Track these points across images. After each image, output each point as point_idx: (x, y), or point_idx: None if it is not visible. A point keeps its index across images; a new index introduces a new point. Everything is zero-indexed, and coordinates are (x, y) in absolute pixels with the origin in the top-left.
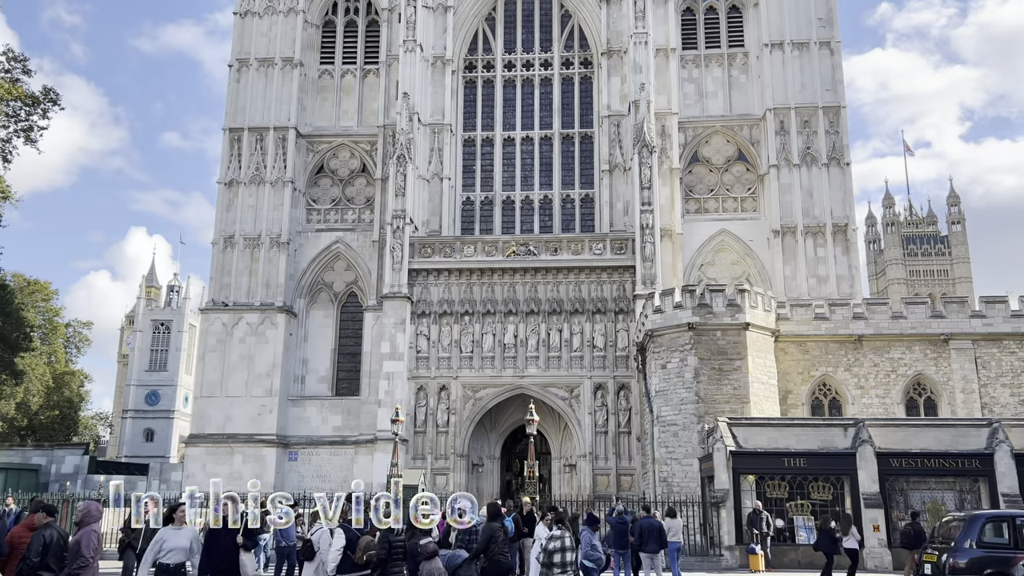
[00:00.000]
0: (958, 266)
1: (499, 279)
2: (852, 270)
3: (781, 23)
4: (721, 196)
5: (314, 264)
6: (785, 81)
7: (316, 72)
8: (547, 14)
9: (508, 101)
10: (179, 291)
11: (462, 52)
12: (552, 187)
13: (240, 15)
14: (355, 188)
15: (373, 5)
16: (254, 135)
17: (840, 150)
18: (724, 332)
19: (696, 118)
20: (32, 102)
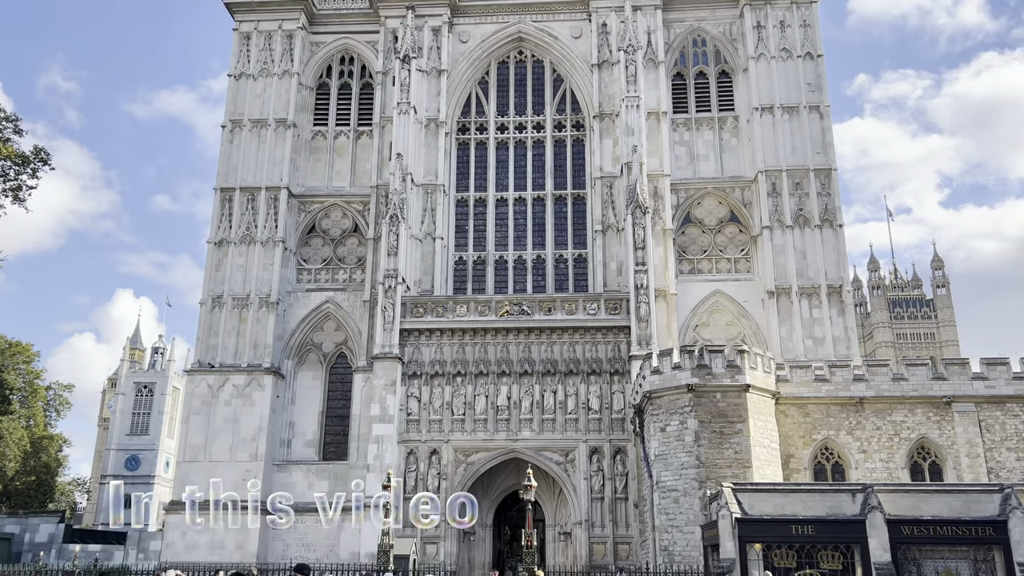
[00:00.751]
0: (944, 329)
1: (492, 339)
2: (848, 331)
3: (770, 88)
4: (714, 257)
5: (303, 324)
6: (776, 144)
7: (309, 133)
8: (539, 79)
9: (501, 162)
10: (164, 353)
11: (455, 114)
12: (545, 247)
13: (235, 77)
14: (347, 248)
15: (367, 69)
16: (246, 195)
17: (832, 212)
18: (724, 394)
19: (688, 180)
20: (22, 161)
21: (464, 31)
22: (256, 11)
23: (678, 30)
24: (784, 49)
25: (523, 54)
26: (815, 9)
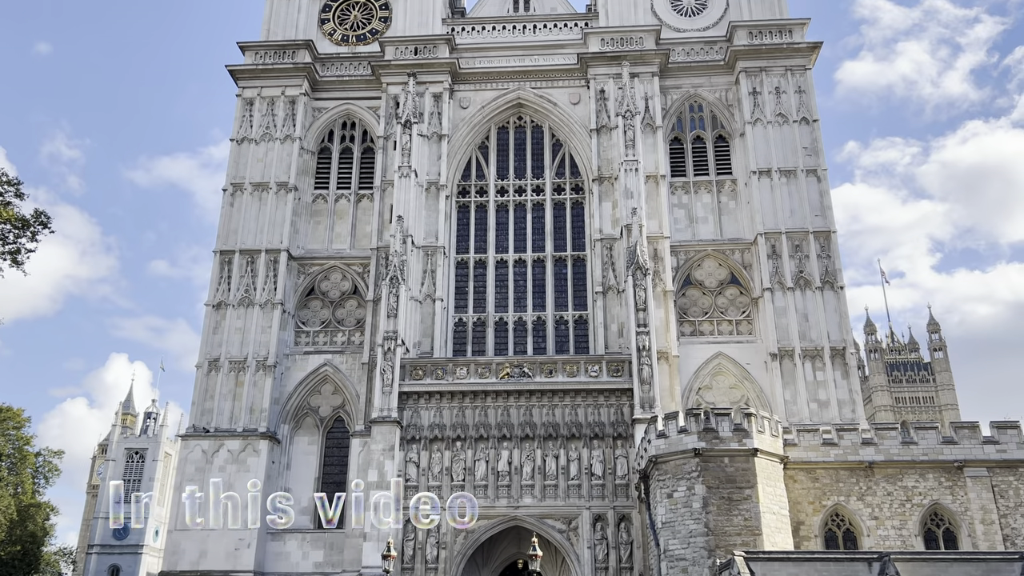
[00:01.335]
0: (943, 393)
1: (492, 402)
2: (853, 394)
3: (767, 152)
4: (715, 319)
5: (301, 388)
6: (774, 206)
7: (310, 196)
8: (538, 143)
9: (501, 224)
10: (156, 418)
11: (456, 178)
12: (545, 308)
13: (237, 141)
14: (346, 310)
15: (369, 133)
16: (245, 257)
17: (833, 274)
18: (732, 458)
19: (687, 242)
20: (22, 225)
21: (464, 97)
22: (260, 77)
23: (675, 96)
24: (780, 114)
25: (522, 119)
26: (809, 76)
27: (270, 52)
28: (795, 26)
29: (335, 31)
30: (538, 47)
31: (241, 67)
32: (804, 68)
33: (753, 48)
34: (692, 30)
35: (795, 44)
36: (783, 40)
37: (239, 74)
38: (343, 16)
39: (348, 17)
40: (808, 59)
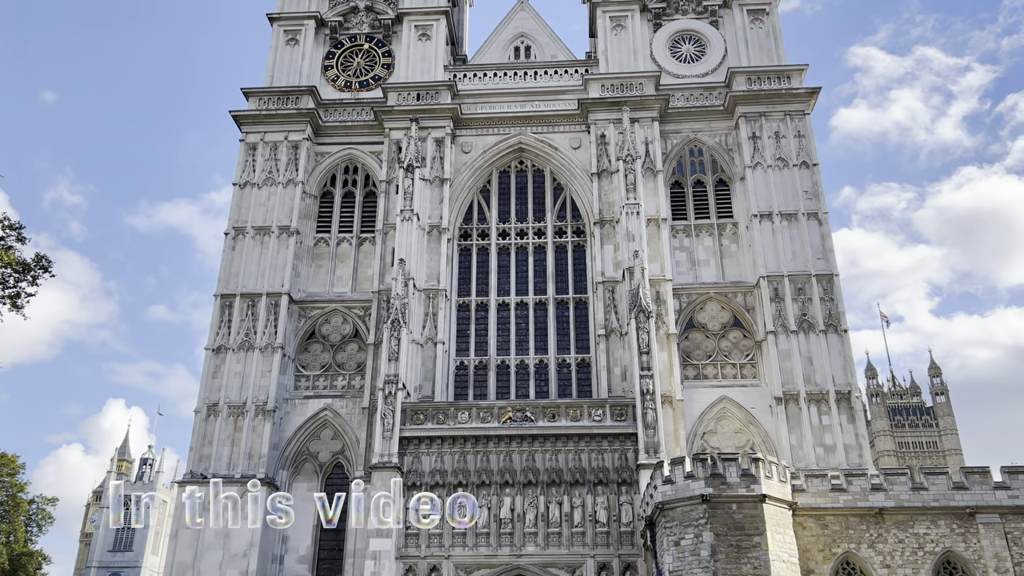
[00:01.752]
0: (947, 438)
1: (495, 447)
2: (859, 439)
3: (768, 195)
4: (719, 362)
5: (300, 433)
6: (776, 250)
7: (312, 240)
8: (540, 187)
9: (503, 267)
10: (152, 464)
11: (457, 221)
12: (548, 352)
13: (239, 186)
14: (346, 353)
15: (371, 178)
16: (246, 301)
17: (836, 317)
18: (740, 505)
19: (690, 285)
20: (22, 269)
21: (466, 142)
22: (263, 122)
23: (675, 141)
24: (780, 158)
25: (524, 163)
26: (808, 120)
27: (274, 98)
28: (793, 72)
29: (338, 77)
30: (539, 93)
31: (245, 112)
32: (803, 113)
33: (752, 93)
34: (691, 76)
35: (793, 90)
36: (781, 86)
37: (242, 119)
38: (346, 63)
39: (351, 64)
40: (807, 104)
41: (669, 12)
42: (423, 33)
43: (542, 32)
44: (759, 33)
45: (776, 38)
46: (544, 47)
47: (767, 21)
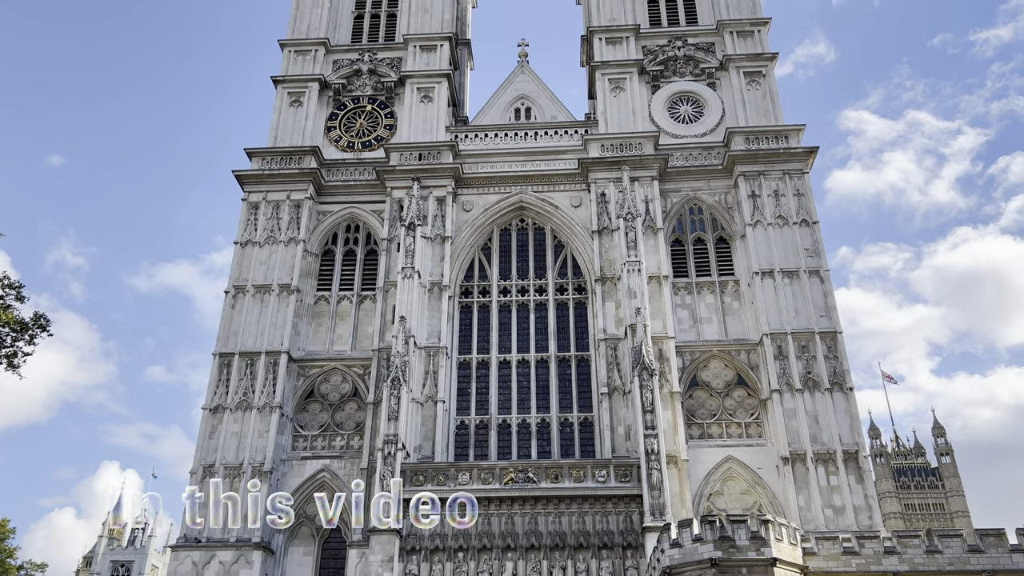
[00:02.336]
0: (953, 499)
1: (496, 510)
2: (869, 500)
3: (769, 253)
4: (724, 421)
5: (297, 495)
6: (779, 307)
7: (312, 298)
8: (540, 245)
9: (504, 324)
10: (145, 528)
11: (459, 278)
12: (550, 410)
13: (241, 244)
14: (345, 413)
15: (372, 236)
16: (244, 360)
17: (841, 375)
18: (751, 569)
19: (692, 342)
20: (20, 328)
21: (467, 200)
22: (266, 182)
23: (674, 199)
24: (780, 216)
25: (525, 222)
26: (807, 179)
27: (277, 158)
28: (791, 132)
29: (341, 138)
30: (539, 153)
31: (248, 172)
32: (801, 172)
33: (750, 153)
34: (689, 136)
35: (792, 149)
36: (779, 145)
37: (245, 179)
38: (349, 124)
39: (354, 125)
40: (805, 163)
41: (667, 75)
42: (425, 95)
43: (542, 94)
44: (756, 94)
45: (773, 99)
46: (544, 108)
47: (763, 83)
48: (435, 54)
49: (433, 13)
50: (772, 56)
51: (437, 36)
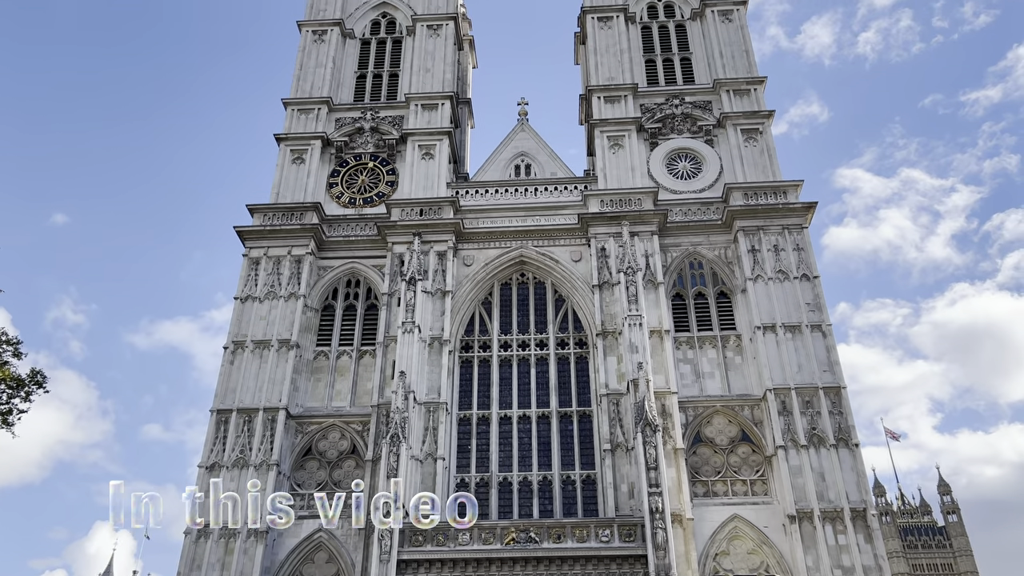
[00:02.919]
0: (962, 559)
1: (497, 571)
2: (879, 560)
3: (771, 307)
4: (729, 479)
5: (293, 556)
6: (782, 362)
7: (312, 354)
8: (541, 299)
9: (504, 379)
10: None
11: (459, 333)
12: (551, 468)
13: (241, 300)
14: (343, 471)
15: (373, 291)
16: (242, 417)
17: (847, 431)
18: None
19: (695, 398)
20: (16, 384)
21: (468, 255)
22: (267, 238)
23: (674, 254)
24: (780, 271)
25: (525, 276)
26: (806, 234)
27: (278, 214)
28: (789, 188)
29: (343, 194)
30: (539, 208)
31: (249, 228)
32: (801, 227)
33: (749, 208)
34: (688, 192)
35: (790, 204)
36: (778, 200)
37: (247, 235)
38: (351, 180)
39: (356, 181)
40: (804, 218)
41: (665, 132)
42: (426, 152)
43: (542, 151)
44: (753, 151)
45: (770, 156)
46: (544, 165)
47: (761, 140)
48: (436, 112)
49: (434, 73)
50: (769, 114)
51: (438, 95)
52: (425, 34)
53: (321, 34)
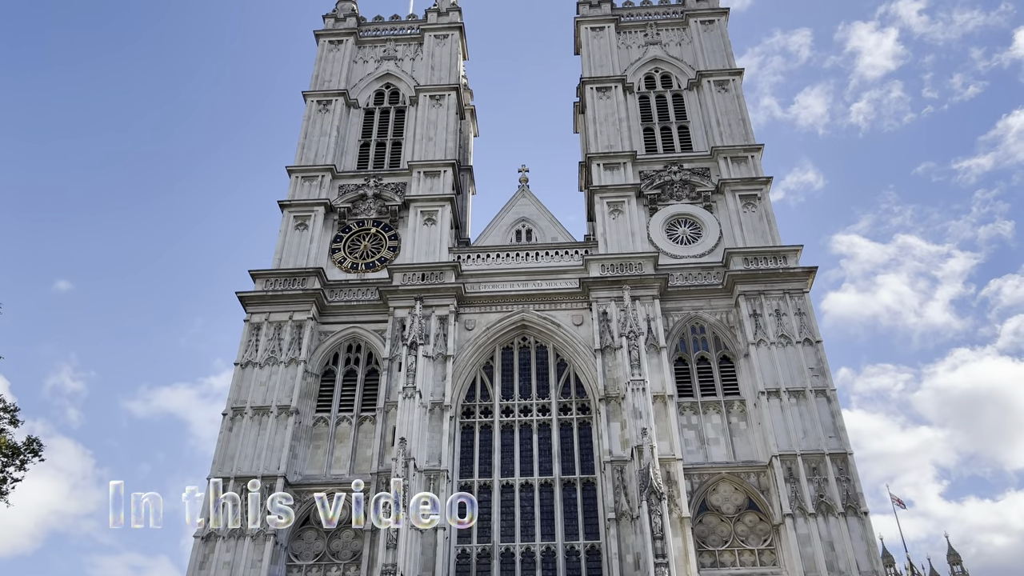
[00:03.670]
0: None
1: None
2: None
3: (774, 372)
4: (736, 548)
5: None
6: (787, 428)
7: (311, 420)
8: (543, 363)
9: (506, 446)
10: None
11: (460, 398)
12: (555, 537)
13: (241, 365)
14: (341, 541)
15: (374, 356)
16: (240, 485)
17: (855, 498)
18: None
19: (700, 464)
20: (12, 452)
21: (470, 319)
22: (269, 303)
23: (676, 318)
24: (783, 335)
25: (527, 340)
26: (807, 299)
27: (280, 279)
28: (788, 252)
29: (345, 259)
30: (540, 272)
31: (251, 293)
32: (802, 291)
33: (750, 273)
34: (688, 256)
35: (791, 269)
36: (778, 265)
37: (248, 300)
38: (353, 246)
39: (358, 247)
40: (804, 283)
41: (664, 198)
42: (429, 218)
43: (542, 217)
44: (752, 216)
45: (769, 221)
46: (544, 230)
47: (759, 206)
48: (438, 179)
49: (437, 142)
50: (766, 180)
51: (440, 163)
52: (428, 104)
53: (326, 104)
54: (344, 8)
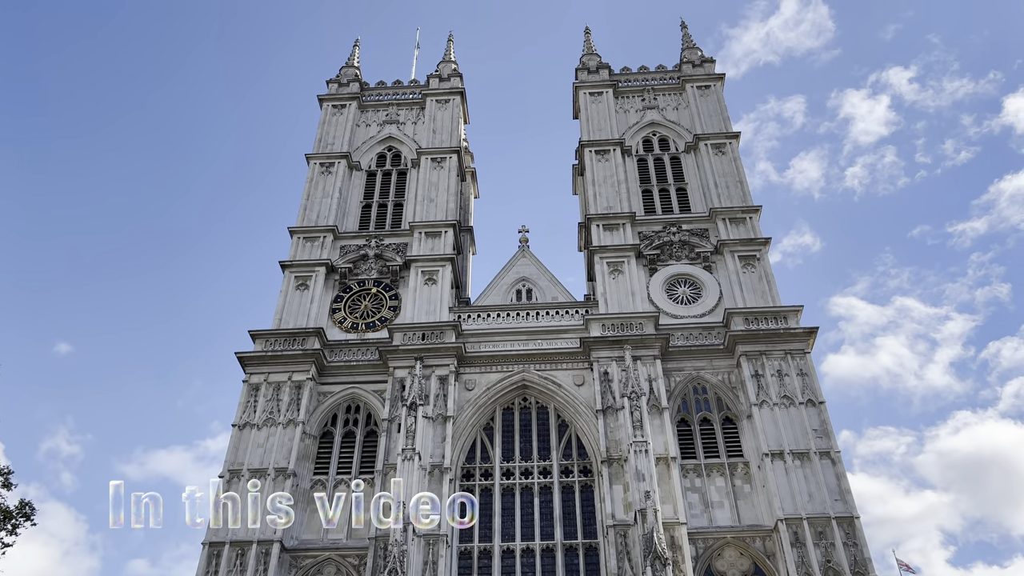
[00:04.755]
0: None
1: None
2: None
3: (777, 434)
4: None
5: None
6: (792, 491)
7: (308, 483)
8: (544, 424)
9: (507, 510)
10: None
11: (460, 460)
12: None
13: (239, 427)
14: None
15: (373, 417)
16: (235, 550)
17: (863, 564)
18: None
19: (705, 529)
20: (4, 516)
21: (470, 380)
22: (268, 363)
23: (678, 378)
24: (785, 396)
25: (527, 400)
26: (809, 359)
27: (280, 340)
28: (789, 313)
29: (345, 319)
30: (541, 332)
31: (251, 354)
32: (803, 352)
33: (751, 333)
34: (689, 317)
35: (792, 329)
36: (779, 326)
37: (247, 361)
38: (354, 306)
39: (359, 307)
40: (806, 343)
41: (663, 258)
42: (429, 278)
43: (542, 277)
44: (752, 277)
45: (769, 282)
46: (545, 290)
47: (759, 266)
48: (439, 240)
49: (438, 203)
50: (765, 241)
51: (441, 224)
52: (429, 166)
53: (328, 166)
54: (348, 73)
